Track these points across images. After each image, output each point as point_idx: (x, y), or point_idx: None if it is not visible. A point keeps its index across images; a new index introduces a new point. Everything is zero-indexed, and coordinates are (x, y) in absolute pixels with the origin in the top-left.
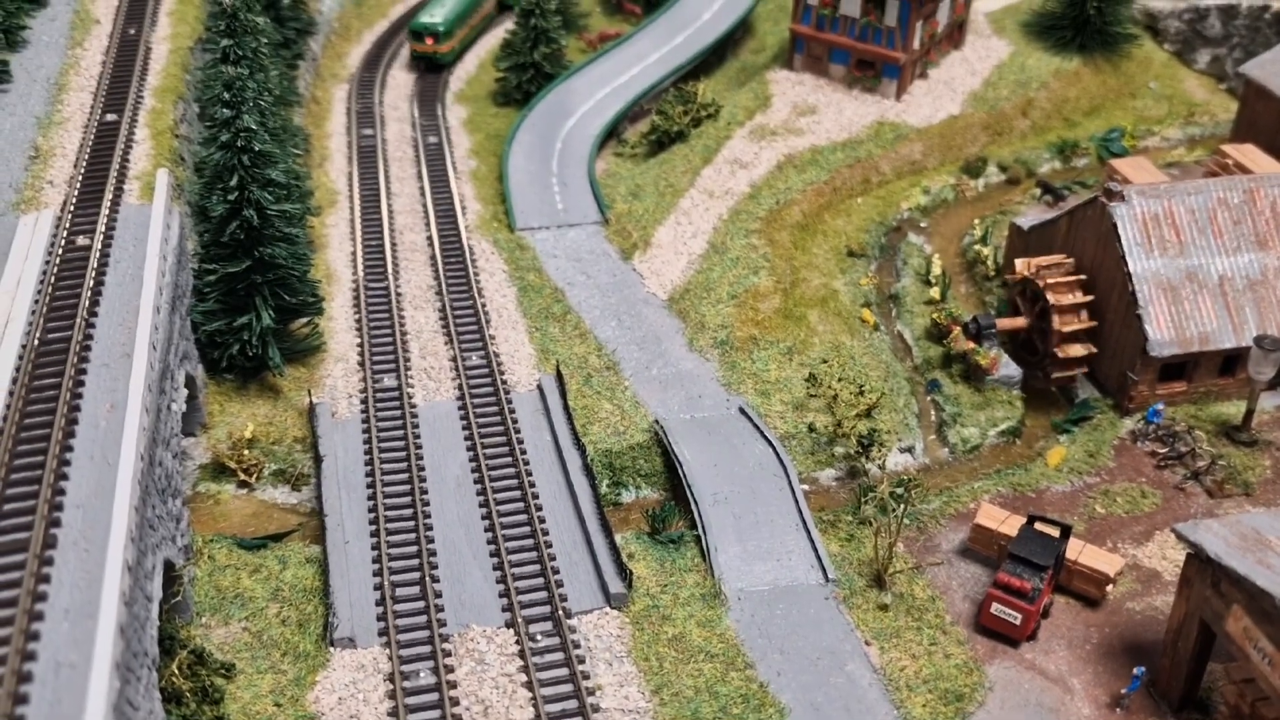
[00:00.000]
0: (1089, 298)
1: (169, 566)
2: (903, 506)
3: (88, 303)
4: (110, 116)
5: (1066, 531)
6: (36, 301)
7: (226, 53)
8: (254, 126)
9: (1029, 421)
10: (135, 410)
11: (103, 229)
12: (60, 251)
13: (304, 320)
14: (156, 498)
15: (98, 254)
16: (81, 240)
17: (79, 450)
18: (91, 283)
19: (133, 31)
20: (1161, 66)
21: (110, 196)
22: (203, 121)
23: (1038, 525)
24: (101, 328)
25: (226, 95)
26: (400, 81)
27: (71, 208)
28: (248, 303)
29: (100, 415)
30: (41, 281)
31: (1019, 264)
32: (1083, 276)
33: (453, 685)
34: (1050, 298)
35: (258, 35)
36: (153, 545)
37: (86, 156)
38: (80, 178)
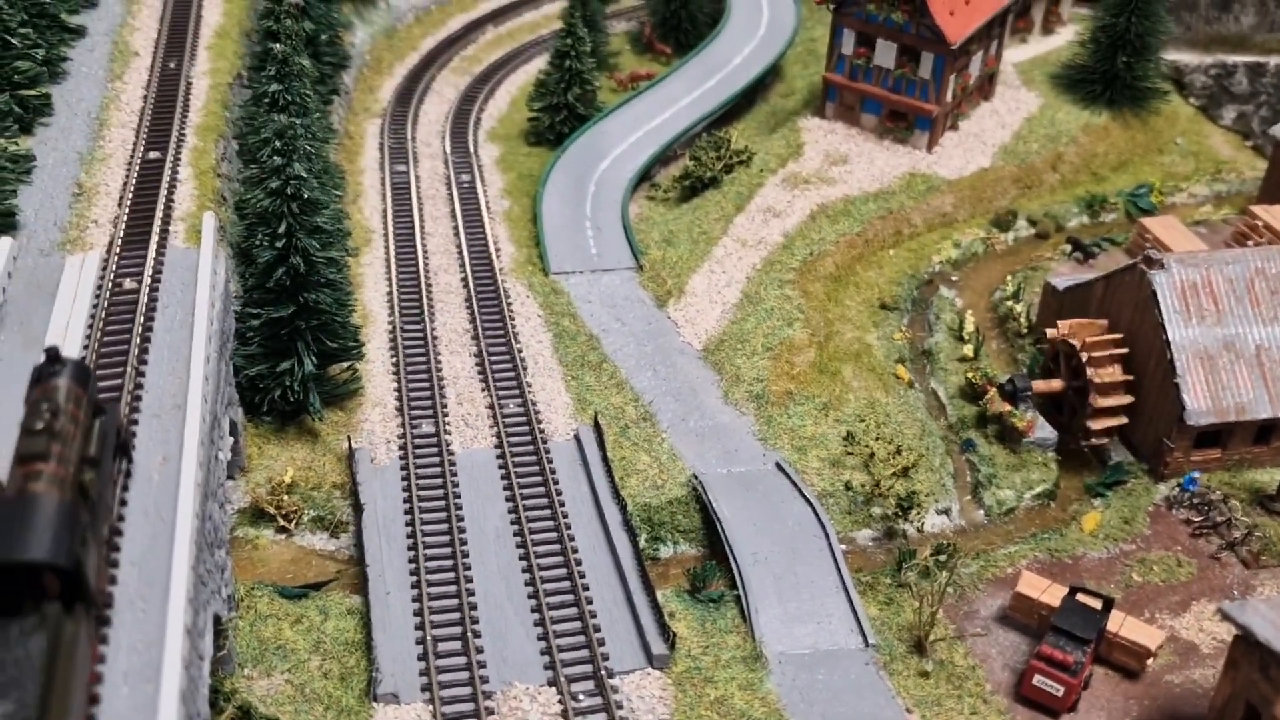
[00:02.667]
0: (1128, 377)
1: (216, 620)
2: (946, 574)
3: (137, 350)
4: (153, 154)
5: (1109, 604)
6: (85, 347)
7: (276, 98)
8: (304, 174)
9: (1062, 484)
10: (191, 468)
11: (150, 272)
12: (108, 295)
13: (344, 365)
14: (206, 551)
15: (145, 298)
16: (129, 284)
17: (133, 505)
18: (140, 329)
19: (172, 65)
20: (1187, 122)
21: (156, 239)
22: (242, 159)
23: (1080, 597)
24: (151, 376)
25: (278, 144)
26: (432, 117)
27: (118, 249)
28: (290, 347)
29: (153, 468)
30: (90, 326)
31: (1050, 333)
32: (1125, 351)
33: None
34: (1092, 374)
35: (304, 78)
36: (204, 601)
37: (130, 196)
38: (125, 218)
